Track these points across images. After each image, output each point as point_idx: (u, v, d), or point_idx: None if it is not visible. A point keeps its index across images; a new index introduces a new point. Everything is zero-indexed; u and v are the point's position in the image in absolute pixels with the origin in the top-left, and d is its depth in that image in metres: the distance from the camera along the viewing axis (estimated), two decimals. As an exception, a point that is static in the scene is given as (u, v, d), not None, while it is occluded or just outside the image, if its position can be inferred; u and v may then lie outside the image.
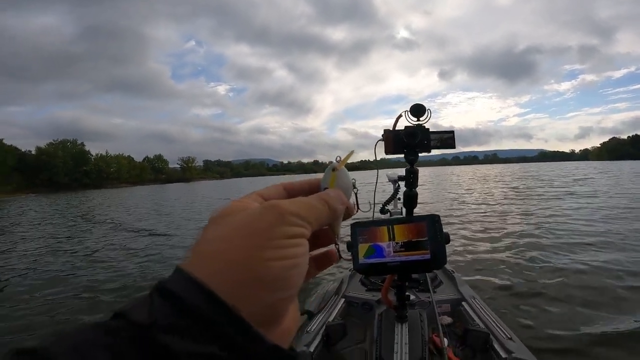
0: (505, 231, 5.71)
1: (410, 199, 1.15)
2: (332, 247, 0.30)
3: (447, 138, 1.14)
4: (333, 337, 1.42)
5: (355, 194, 0.31)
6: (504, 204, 9.41)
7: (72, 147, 71.33)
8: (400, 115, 1.12)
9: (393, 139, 1.10)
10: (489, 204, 9.65)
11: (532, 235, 5.24)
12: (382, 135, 1.12)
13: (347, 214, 0.29)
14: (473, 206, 9.42)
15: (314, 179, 0.30)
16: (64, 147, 69.53)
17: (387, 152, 1.12)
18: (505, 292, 3.11)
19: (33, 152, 64.74)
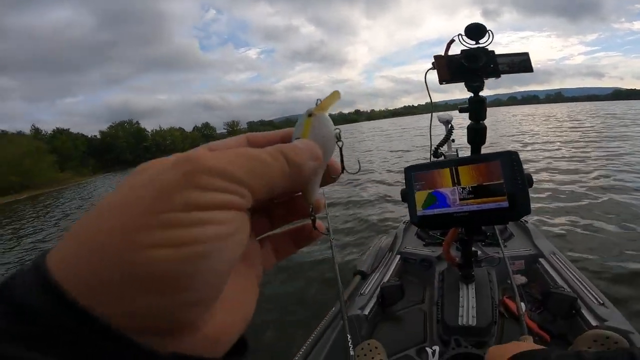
0: (589, 182, 4.76)
1: (478, 134, 0.95)
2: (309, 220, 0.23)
3: (520, 61, 0.92)
4: (389, 299, 1.32)
5: (340, 148, 0.23)
6: (581, 147, 8.10)
7: (129, 127, 77.32)
8: (453, 40, 0.92)
9: (447, 65, 0.91)
10: (561, 146, 8.51)
11: (627, 188, 4.17)
12: (433, 63, 0.93)
13: (329, 175, 0.22)
14: (545, 152, 8.09)
15: (291, 128, 0.22)
16: (122, 128, 75.61)
17: (441, 81, 0.93)
18: (590, 264, 2.43)
19: (98, 137, 71.35)
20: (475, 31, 0.89)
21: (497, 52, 0.92)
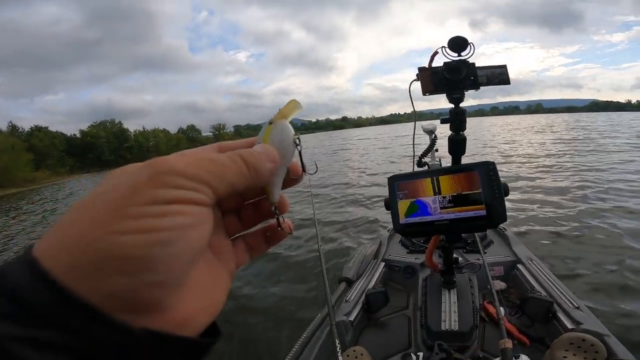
0: (574, 193, 4.82)
1: (458, 145, 0.98)
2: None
3: (499, 73, 0.95)
4: (374, 305, 1.34)
5: (299, 151, 0.25)
6: (564, 160, 8.13)
7: (111, 127, 75.32)
8: (436, 52, 0.95)
9: (431, 77, 0.94)
10: (543, 158, 8.60)
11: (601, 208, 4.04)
12: (417, 75, 0.96)
13: (291, 177, 0.25)
14: (528, 165, 7.90)
15: (256, 137, 0.25)
16: (104, 127, 73.57)
17: (425, 92, 0.96)
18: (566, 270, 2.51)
19: (78, 136, 69.15)
20: (458, 44, 0.92)
21: (478, 64, 0.94)
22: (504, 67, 0.97)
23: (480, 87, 0.95)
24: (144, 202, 0.16)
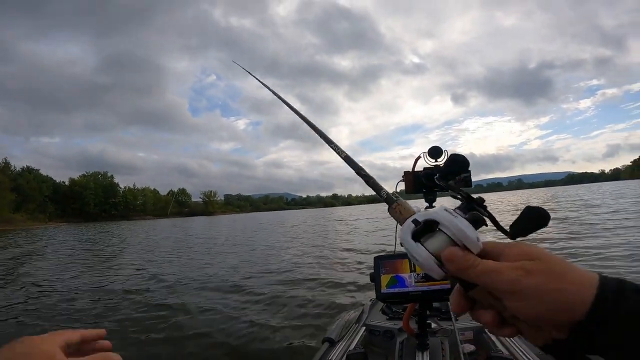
0: None
1: None
2: None
3: (464, 177, 1.22)
4: None
5: None
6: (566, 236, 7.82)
7: (102, 179, 74.80)
8: (419, 157, 1.24)
9: (413, 180, 1.23)
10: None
11: None
12: (403, 177, 1.25)
13: None
14: None
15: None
16: (95, 179, 72.97)
17: (407, 192, 1.24)
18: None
19: (66, 183, 68.35)
20: (435, 153, 1.19)
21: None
22: (468, 172, 1.21)
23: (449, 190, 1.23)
24: None
